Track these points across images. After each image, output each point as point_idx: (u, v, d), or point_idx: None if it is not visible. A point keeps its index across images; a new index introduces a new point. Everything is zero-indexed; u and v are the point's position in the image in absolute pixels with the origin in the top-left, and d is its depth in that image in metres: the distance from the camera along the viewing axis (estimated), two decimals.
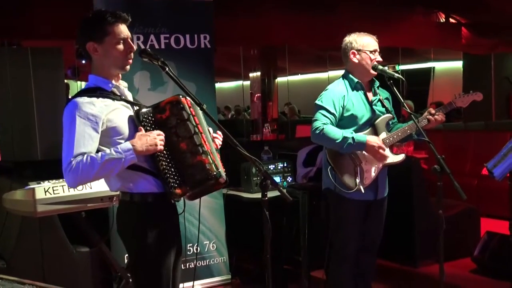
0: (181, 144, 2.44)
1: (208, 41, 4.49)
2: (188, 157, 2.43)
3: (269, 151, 5.07)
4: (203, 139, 2.47)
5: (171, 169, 2.43)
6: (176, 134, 2.45)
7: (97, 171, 2.30)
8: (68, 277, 3.98)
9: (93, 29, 2.45)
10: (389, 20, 8.28)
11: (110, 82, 2.50)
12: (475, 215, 5.33)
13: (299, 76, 14.60)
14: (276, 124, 10.57)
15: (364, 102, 3.43)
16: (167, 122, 2.45)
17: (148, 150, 2.38)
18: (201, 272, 4.54)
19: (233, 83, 15.09)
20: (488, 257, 4.61)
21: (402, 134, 3.39)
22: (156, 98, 4.25)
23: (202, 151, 2.44)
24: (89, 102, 2.38)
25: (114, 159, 2.32)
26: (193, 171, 2.43)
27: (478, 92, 3.47)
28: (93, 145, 2.36)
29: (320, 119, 3.31)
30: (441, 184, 3.00)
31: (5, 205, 3.45)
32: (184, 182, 2.43)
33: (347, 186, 3.33)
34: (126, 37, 2.47)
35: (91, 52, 2.46)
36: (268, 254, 2.43)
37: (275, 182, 2.46)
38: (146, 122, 2.45)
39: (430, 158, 6.88)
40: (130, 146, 2.35)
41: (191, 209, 4.36)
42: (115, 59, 2.47)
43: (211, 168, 2.43)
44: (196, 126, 2.47)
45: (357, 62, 3.40)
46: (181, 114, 2.46)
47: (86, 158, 2.30)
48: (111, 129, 2.42)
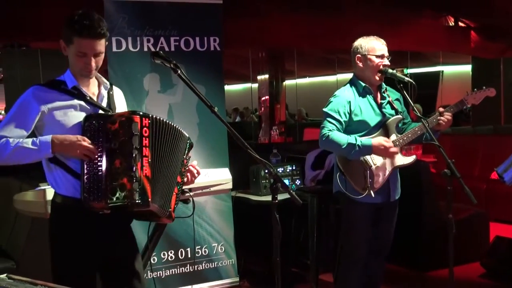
0: (116, 160, 2.37)
1: (218, 43, 4.50)
2: (117, 175, 2.36)
3: (278, 154, 5.08)
4: (142, 163, 2.39)
5: (96, 179, 2.36)
6: (116, 149, 2.37)
7: (7, 154, 2.38)
8: None
9: (65, 31, 2.45)
10: (398, 24, 8.27)
11: (74, 81, 2.51)
12: (484, 219, 5.30)
13: (307, 79, 14.59)
14: (284, 127, 10.57)
15: (372, 107, 3.43)
16: (113, 134, 2.39)
17: (67, 150, 2.38)
18: (210, 275, 4.54)
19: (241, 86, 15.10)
20: (498, 262, 4.59)
21: (412, 135, 3.38)
22: (166, 100, 4.30)
23: (130, 174, 2.35)
24: (40, 94, 2.44)
25: (27, 149, 2.38)
26: (114, 190, 2.35)
27: (491, 87, 3.39)
28: (19, 133, 2.42)
29: (327, 126, 3.33)
30: (451, 188, 2.99)
31: (16, 206, 3.46)
32: (104, 198, 2.35)
33: (357, 191, 3.33)
34: (86, 53, 2.44)
35: (61, 49, 2.50)
36: (278, 256, 2.43)
37: (285, 185, 2.46)
38: (90, 129, 2.41)
39: (439, 162, 6.86)
40: (49, 140, 2.38)
41: (200, 211, 4.39)
42: (73, 65, 2.51)
43: (130, 195, 2.34)
44: (141, 148, 2.39)
45: (363, 67, 3.41)
46: (128, 131, 2.38)
47: (3, 140, 2.39)
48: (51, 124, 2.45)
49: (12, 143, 2.38)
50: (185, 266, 4.44)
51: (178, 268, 4.41)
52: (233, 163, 4.42)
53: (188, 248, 4.42)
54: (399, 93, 3.53)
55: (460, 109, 3.40)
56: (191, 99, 4.28)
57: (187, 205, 2.93)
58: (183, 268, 4.44)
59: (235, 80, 14.45)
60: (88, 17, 2.42)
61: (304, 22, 7.71)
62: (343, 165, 3.37)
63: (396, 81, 3.31)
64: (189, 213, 2.85)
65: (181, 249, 4.41)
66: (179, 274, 4.41)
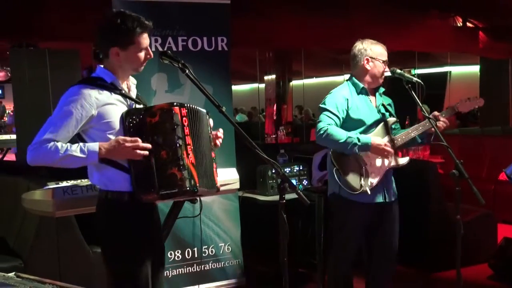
0: (162, 152, 2.45)
1: (225, 43, 4.50)
2: (165, 166, 2.44)
3: (285, 154, 5.08)
4: (187, 151, 2.48)
5: (146, 173, 2.45)
6: (160, 141, 2.45)
7: (55, 160, 2.42)
8: (84, 277, 4.00)
9: (120, 36, 2.51)
10: (406, 24, 8.25)
11: (112, 76, 2.56)
12: (491, 220, 5.28)
13: (314, 80, 14.58)
14: (291, 127, 10.57)
15: (369, 106, 3.46)
16: (155, 127, 2.46)
17: (118, 156, 2.46)
18: (216, 274, 4.54)
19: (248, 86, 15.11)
20: (506, 263, 4.57)
21: (406, 137, 3.41)
22: (173, 100, 4.27)
23: (179, 164, 2.44)
24: (86, 94, 2.46)
25: (75, 157, 2.42)
26: (165, 181, 2.44)
27: (480, 98, 3.52)
28: (67, 135, 2.45)
29: (324, 120, 3.33)
30: (459, 189, 2.98)
31: (24, 205, 3.48)
32: (154, 189, 2.44)
33: (352, 188, 3.32)
34: (147, 46, 2.56)
35: (113, 55, 2.53)
36: (285, 256, 2.43)
37: (293, 185, 2.46)
38: (132, 124, 2.48)
39: (447, 162, 6.83)
40: (97, 149, 2.43)
41: (207, 211, 4.39)
42: (133, 64, 2.57)
43: (183, 184, 2.44)
44: (184, 137, 2.48)
45: (369, 70, 3.44)
46: (169, 122, 2.46)
47: (51, 145, 2.41)
48: (102, 124, 2.49)
49: (61, 149, 2.41)
50: (191, 266, 4.44)
51: (185, 268, 4.41)
52: (240, 163, 4.42)
53: (195, 248, 4.43)
54: (391, 100, 3.59)
55: (450, 115, 3.47)
56: (199, 99, 4.26)
57: (194, 204, 2.94)
58: (190, 268, 4.44)
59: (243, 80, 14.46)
60: (133, 14, 2.54)
61: (312, 23, 7.70)
62: (338, 162, 3.35)
63: (404, 81, 3.33)
64: (196, 213, 2.85)
65: (188, 249, 4.42)
66: (185, 274, 4.41)
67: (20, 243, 4.23)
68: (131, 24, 2.49)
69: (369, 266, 3.59)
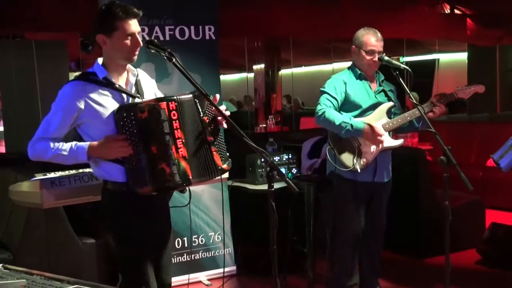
0: (152, 147, 2.50)
1: (213, 32, 4.48)
2: (155, 160, 2.50)
3: (274, 143, 5.07)
4: (177, 145, 2.51)
5: (138, 167, 2.51)
6: (149, 136, 2.50)
7: (48, 158, 2.56)
8: (74, 268, 4.00)
9: (104, 22, 2.56)
10: (394, 11, 8.24)
11: (105, 72, 2.59)
12: (480, 206, 5.32)
13: (303, 68, 14.55)
14: (280, 116, 10.55)
15: (367, 91, 3.59)
16: (144, 122, 2.49)
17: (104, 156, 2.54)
18: (207, 264, 4.55)
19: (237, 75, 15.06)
20: (494, 249, 4.61)
21: (402, 120, 3.51)
22: (161, 90, 4.23)
23: (168, 160, 2.49)
24: (75, 90, 2.53)
25: (64, 156, 2.53)
26: (156, 176, 2.50)
27: (481, 84, 3.55)
28: (60, 132, 2.57)
29: (323, 102, 3.51)
30: (447, 176, 3.00)
31: (11, 197, 3.46)
32: (148, 184, 2.51)
33: (344, 165, 3.50)
34: (133, 33, 2.57)
35: (101, 43, 2.58)
36: (274, 245, 2.44)
37: (282, 173, 2.46)
38: (122, 122, 2.51)
39: (435, 149, 6.87)
40: (86, 147, 2.52)
41: (196, 200, 4.39)
42: (121, 52, 2.58)
43: (171, 179, 2.49)
44: (172, 132, 2.51)
45: (354, 58, 3.63)
46: (157, 118, 2.49)
47: (45, 143, 2.54)
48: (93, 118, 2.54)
49: (52, 148, 2.53)
50: (182, 255, 4.45)
51: (175, 257, 4.42)
52: (229, 152, 4.41)
53: (185, 238, 4.43)
54: (394, 84, 3.68)
55: (448, 101, 3.52)
56: (187, 88, 4.18)
57: (183, 194, 2.93)
58: (180, 257, 4.45)
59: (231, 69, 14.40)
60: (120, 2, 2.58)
61: (301, 11, 7.67)
62: (334, 141, 3.56)
63: (392, 69, 3.38)
64: (186, 203, 2.85)
65: (178, 239, 4.42)
66: (176, 263, 4.41)
67: (9, 235, 4.20)
68: (115, 10, 2.52)
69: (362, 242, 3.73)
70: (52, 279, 1.64)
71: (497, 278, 4.38)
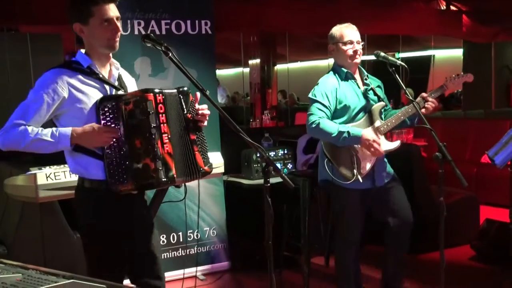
0: (136, 141, 2.39)
1: (209, 27, 4.47)
2: (138, 155, 2.38)
3: (270, 138, 5.08)
4: (162, 140, 2.41)
5: (119, 162, 2.39)
6: (133, 129, 2.39)
7: (26, 144, 2.36)
8: (69, 262, 3.99)
9: (78, 10, 2.45)
10: (390, 7, 8.23)
11: (89, 60, 2.50)
12: (474, 202, 5.34)
13: (298, 64, 14.55)
14: (276, 111, 10.55)
15: (356, 92, 3.47)
16: (129, 114, 2.39)
17: (89, 143, 2.40)
18: (202, 258, 4.55)
19: (233, 70, 15.04)
20: (488, 245, 4.64)
21: (396, 120, 3.43)
22: (157, 84, 4.26)
23: (153, 154, 2.38)
24: (59, 77, 2.40)
25: (45, 141, 2.36)
26: (138, 171, 2.38)
27: (469, 73, 3.50)
28: (38, 119, 2.40)
29: (315, 113, 3.34)
30: (442, 172, 3.01)
31: (6, 191, 3.45)
32: (129, 180, 2.39)
33: (345, 177, 3.36)
34: (110, 18, 2.45)
35: (78, 33, 2.48)
36: (270, 240, 2.44)
37: (277, 168, 2.46)
38: (107, 110, 2.41)
39: (430, 145, 6.88)
40: (69, 133, 2.37)
41: (192, 195, 4.38)
42: (99, 39, 2.48)
43: (157, 175, 2.37)
44: (159, 126, 2.41)
45: (334, 55, 3.51)
46: (143, 110, 2.39)
47: (22, 128, 2.36)
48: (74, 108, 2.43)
49: (31, 133, 2.35)
50: (177, 250, 4.45)
51: (170, 252, 4.42)
52: (225, 147, 4.42)
53: (180, 232, 4.43)
54: (380, 81, 3.60)
55: (440, 94, 3.48)
56: (182, 82, 4.20)
57: (178, 189, 2.92)
58: (175, 252, 4.45)
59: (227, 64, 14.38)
60: None
61: (297, 6, 7.66)
62: (330, 152, 3.38)
63: (388, 65, 3.32)
64: (181, 197, 2.84)
65: (173, 233, 4.42)
66: (171, 258, 4.42)
67: (4, 229, 4.20)
68: None
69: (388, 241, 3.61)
70: (47, 274, 1.64)
71: (491, 274, 4.40)
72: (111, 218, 2.50)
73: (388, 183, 3.55)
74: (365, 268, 3.99)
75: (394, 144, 3.48)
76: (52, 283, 1.55)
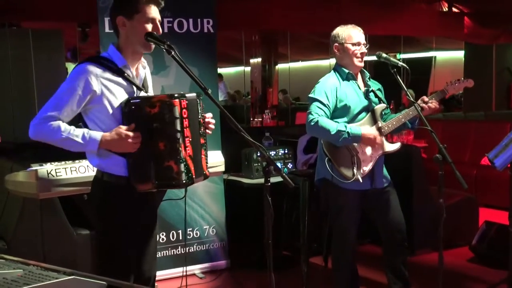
0: (159, 144, 2.46)
1: (211, 25, 4.48)
2: (162, 157, 2.46)
3: (270, 137, 5.08)
4: (185, 144, 2.49)
5: (142, 163, 2.47)
6: (158, 132, 2.46)
7: (56, 141, 2.45)
8: (68, 259, 4.00)
9: (126, 4, 2.52)
10: (392, 8, 8.24)
11: (124, 61, 2.55)
12: (473, 204, 5.35)
13: (299, 63, 14.55)
14: (276, 111, 10.55)
15: (357, 92, 3.46)
16: (154, 117, 2.45)
17: (116, 149, 2.48)
18: (201, 257, 4.56)
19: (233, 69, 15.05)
20: (486, 247, 4.64)
21: (396, 123, 3.43)
22: (159, 82, 4.27)
23: (177, 157, 2.46)
24: (92, 71, 2.46)
25: (75, 142, 2.44)
26: (161, 173, 2.47)
27: (470, 79, 3.51)
28: (70, 112, 2.46)
29: (315, 111, 3.33)
30: (442, 173, 3.02)
31: (7, 186, 3.46)
32: (150, 180, 2.47)
33: (345, 177, 3.34)
34: (155, 18, 2.54)
35: (120, 26, 2.54)
36: (270, 239, 2.45)
37: (278, 168, 2.47)
38: (131, 114, 2.47)
39: (430, 147, 6.89)
40: (99, 138, 2.45)
41: (192, 194, 4.39)
42: (140, 36, 2.53)
43: (178, 177, 2.47)
44: (182, 130, 2.48)
45: (341, 56, 3.46)
46: (169, 115, 2.46)
47: (55, 124, 2.43)
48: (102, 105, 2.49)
49: (63, 131, 2.43)
50: (176, 248, 4.46)
51: (170, 250, 4.43)
52: (225, 146, 4.42)
53: (179, 230, 4.44)
54: (381, 83, 3.59)
55: (441, 98, 3.47)
56: (184, 81, 4.27)
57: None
58: (175, 250, 4.45)
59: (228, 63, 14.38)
60: None
61: (299, 6, 7.67)
62: (330, 152, 3.37)
63: (390, 66, 3.32)
64: (181, 196, 2.85)
65: (173, 231, 4.43)
66: (170, 256, 4.42)
67: (4, 225, 4.20)
68: None
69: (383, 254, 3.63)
70: (48, 270, 1.64)
71: (489, 276, 4.40)
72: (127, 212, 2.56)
73: (386, 187, 3.53)
74: (363, 270, 3.99)
75: (394, 146, 3.48)
76: (53, 279, 1.56)
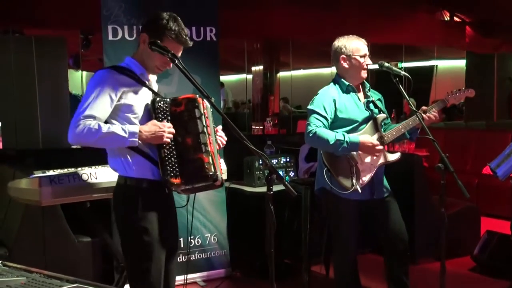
0: (187, 139, 2.57)
1: (214, 34, 4.50)
2: (190, 152, 2.57)
3: (272, 146, 5.09)
4: (209, 140, 2.60)
5: (171, 159, 2.55)
6: (185, 129, 2.58)
7: (97, 138, 2.47)
8: (70, 266, 4.00)
9: (155, 29, 2.61)
10: (394, 17, 8.28)
11: (142, 68, 2.67)
12: (475, 213, 5.34)
13: (301, 71, 14.58)
14: (277, 119, 10.56)
15: (356, 104, 3.46)
16: (180, 115, 2.59)
17: (153, 140, 2.53)
18: (202, 265, 4.56)
19: (236, 77, 15.07)
20: (488, 256, 4.63)
21: (396, 133, 3.42)
22: (161, 90, 4.21)
23: (205, 150, 2.57)
24: (115, 75, 2.57)
25: (117, 135, 2.49)
26: (191, 166, 2.55)
27: (471, 89, 3.51)
28: (104, 114, 2.54)
29: (313, 123, 3.33)
30: (444, 183, 3.01)
31: (10, 193, 3.45)
32: (181, 174, 2.54)
33: (344, 187, 3.33)
34: None
35: (141, 41, 2.66)
36: (271, 247, 2.45)
37: (280, 176, 2.47)
38: (160, 111, 2.60)
39: (432, 156, 6.89)
40: (137, 130, 2.51)
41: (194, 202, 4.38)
42: (151, 61, 2.66)
43: (209, 168, 2.56)
44: (206, 126, 2.60)
45: (348, 68, 3.44)
46: (194, 111, 2.59)
47: (94, 123, 2.47)
48: (124, 106, 2.57)
49: (103, 127, 2.47)
50: (178, 256, 4.44)
51: None
52: (227, 154, 4.43)
53: (181, 238, 4.43)
54: (381, 93, 3.60)
55: (441, 108, 3.48)
56: (186, 89, 4.26)
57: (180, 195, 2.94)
58: None
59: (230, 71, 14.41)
60: (182, 25, 2.67)
61: (300, 14, 7.70)
62: (329, 162, 3.36)
63: (392, 75, 3.32)
64: (183, 204, 2.86)
65: None
66: None
67: (5, 232, 4.20)
68: (171, 26, 2.59)
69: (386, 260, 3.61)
70: (51, 277, 1.65)
71: (491, 286, 4.40)
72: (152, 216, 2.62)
73: (387, 197, 3.52)
74: (364, 279, 3.98)
75: (394, 156, 3.46)
76: (56, 287, 1.56)
